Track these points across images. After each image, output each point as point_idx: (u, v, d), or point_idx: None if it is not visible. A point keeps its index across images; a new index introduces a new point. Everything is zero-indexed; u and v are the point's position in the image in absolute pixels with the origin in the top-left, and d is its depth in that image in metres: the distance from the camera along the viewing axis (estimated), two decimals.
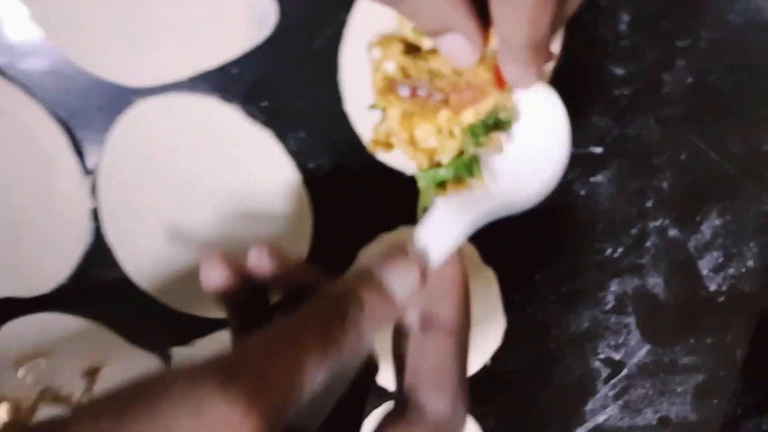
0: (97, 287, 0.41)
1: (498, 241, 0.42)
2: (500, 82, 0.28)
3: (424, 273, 0.24)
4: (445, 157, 0.32)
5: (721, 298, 0.45)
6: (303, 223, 0.39)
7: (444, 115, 0.30)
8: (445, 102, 0.30)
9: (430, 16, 0.21)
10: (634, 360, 0.46)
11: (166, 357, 0.43)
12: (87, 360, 0.43)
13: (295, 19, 0.35)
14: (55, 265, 0.38)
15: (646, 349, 0.46)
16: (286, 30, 0.35)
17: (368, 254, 0.41)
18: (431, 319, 0.24)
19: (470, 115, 0.30)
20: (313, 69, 0.36)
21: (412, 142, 0.31)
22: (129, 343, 0.43)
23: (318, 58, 0.36)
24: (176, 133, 0.36)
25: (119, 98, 0.36)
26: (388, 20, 0.34)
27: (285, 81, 0.36)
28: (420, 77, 0.30)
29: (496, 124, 0.29)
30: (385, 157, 0.38)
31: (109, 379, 0.44)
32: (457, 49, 0.22)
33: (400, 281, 0.23)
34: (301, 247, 0.39)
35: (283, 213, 0.39)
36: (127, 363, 0.43)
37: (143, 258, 0.40)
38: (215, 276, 0.23)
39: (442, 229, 0.27)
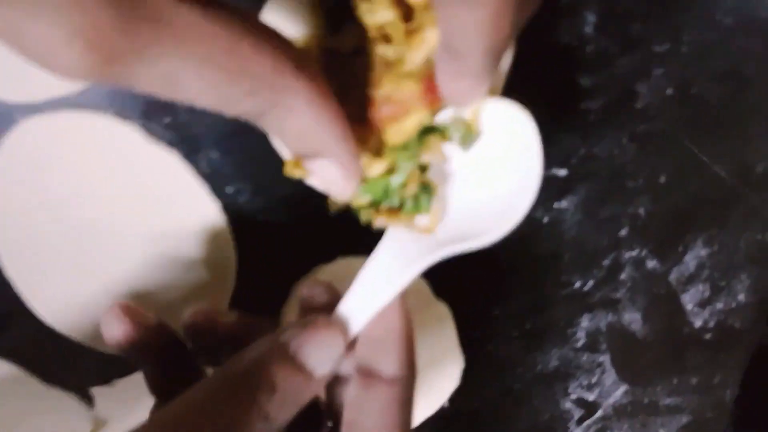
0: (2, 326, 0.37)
1: (452, 274, 0.37)
2: (433, 97, 0.23)
3: (350, 342, 0.21)
4: (371, 174, 0.27)
5: (708, 335, 0.40)
6: (224, 255, 0.34)
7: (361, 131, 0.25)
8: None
9: (297, 136, 0.16)
10: (610, 401, 0.41)
11: (86, 397, 0.39)
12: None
13: None
14: None
15: (623, 389, 0.41)
16: None
17: (304, 290, 0.36)
18: (372, 373, 0.22)
19: (396, 134, 0.25)
20: None
21: None
22: (43, 384, 0.38)
23: None
24: (68, 156, 0.31)
25: (3, 118, 0.31)
26: (302, 22, 0.28)
27: None
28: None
29: (433, 132, 0.24)
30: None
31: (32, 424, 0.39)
32: (328, 178, 0.18)
33: (319, 354, 0.19)
34: (224, 284, 0.34)
35: (201, 245, 0.33)
36: (43, 403, 0.39)
37: (46, 293, 0.35)
38: (115, 330, 0.22)
39: (377, 283, 0.23)
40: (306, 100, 0.17)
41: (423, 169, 0.25)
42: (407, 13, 0.25)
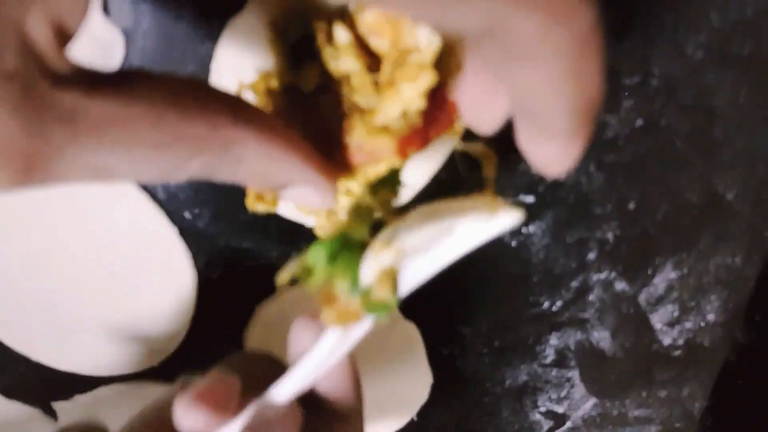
0: None
1: (421, 294, 0.39)
2: (403, 152, 0.24)
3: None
4: (340, 213, 0.29)
5: (677, 352, 0.42)
6: (183, 281, 0.35)
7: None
8: None
9: (258, 178, 0.17)
10: (579, 413, 0.44)
11: (49, 411, 0.40)
12: None
13: (148, 52, 0.29)
14: None
15: (592, 402, 0.43)
16: (137, 64, 0.30)
17: (269, 311, 0.38)
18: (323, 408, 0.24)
19: (360, 177, 0.26)
20: None
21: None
22: (4, 398, 0.40)
23: None
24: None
25: None
26: (262, 52, 0.29)
27: None
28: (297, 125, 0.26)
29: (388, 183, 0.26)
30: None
31: None
32: (305, 199, 0.18)
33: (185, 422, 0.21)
34: (185, 306, 0.35)
35: (157, 272, 0.34)
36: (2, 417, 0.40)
37: (2, 313, 0.36)
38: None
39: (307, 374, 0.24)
40: (254, 144, 0.17)
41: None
42: (376, 63, 0.25)
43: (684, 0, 0.30)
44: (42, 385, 0.40)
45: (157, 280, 0.36)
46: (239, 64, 0.30)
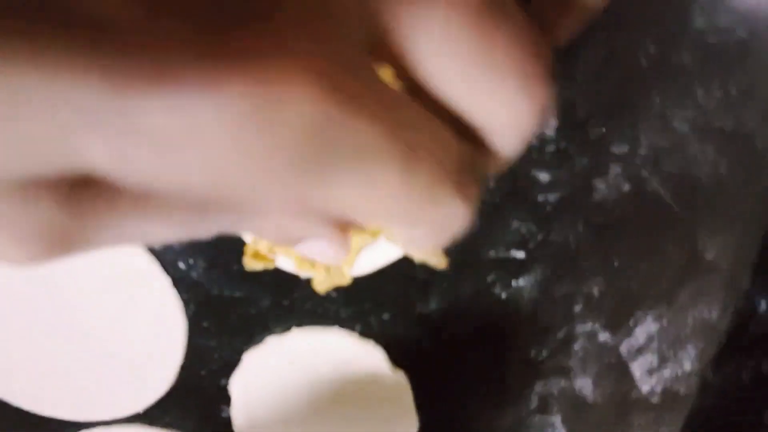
0: None
1: (408, 343, 0.41)
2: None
3: None
4: (347, 271, 0.31)
5: (655, 399, 0.45)
6: (174, 327, 0.36)
7: None
8: None
9: (285, 229, 0.16)
10: None
11: None
12: None
13: None
14: None
15: None
16: None
17: (256, 360, 0.39)
18: None
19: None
20: None
21: (303, 259, 0.30)
22: None
23: None
24: None
25: None
26: None
27: None
28: None
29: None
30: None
31: None
32: (319, 253, 0.19)
33: None
34: (174, 353, 0.37)
35: (150, 315, 0.36)
36: None
37: None
38: None
39: None
40: None
41: None
42: None
43: (672, 78, 0.33)
44: (20, 427, 0.40)
45: (147, 327, 0.37)
46: None
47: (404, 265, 0.38)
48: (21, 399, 0.39)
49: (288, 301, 0.39)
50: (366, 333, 0.40)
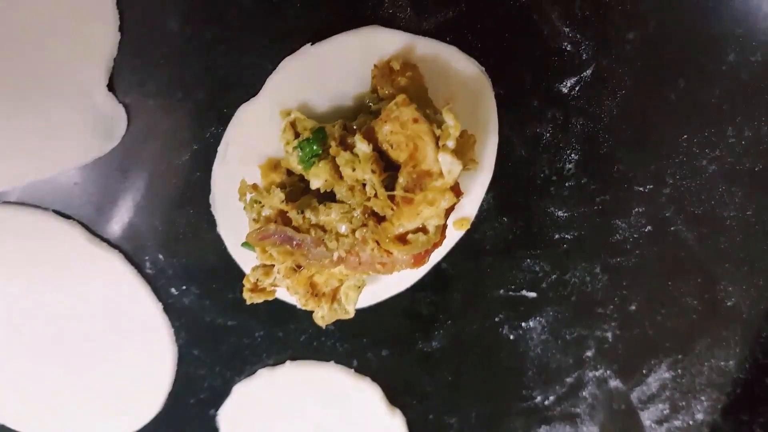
0: None
1: (408, 382, 0.38)
2: (418, 264, 0.26)
3: None
4: (352, 307, 0.28)
5: None
6: (163, 353, 0.34)
7: (341, 269, 0.26)
8: (341, 260, 0.25)
9: None
10: None
11: None
12: None
13: (151, 129, 0.29)
14: None
15: None
16: (139, 139, 0.29)
17: (246, 391, 0.37)
18: None
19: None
20: (176, 185, 0.30)
21: (308, 293, 0.27)
22: None
23: (182, 174, 0.30)
24: (4, 249, 0.30)
25: None
26: (272, 140, 0.28)
27: (139, 196, 0.30)
28: (303, 228, 0.25)
29: None
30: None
31: None
32: None
33: None
34: (162, 380, 0.34)
35: (139, 341, 0.33)
36: None
37: None
38: None
39: None
40: None
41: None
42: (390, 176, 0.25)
43: (701, 115, 0.31)
44: None
45: (136, 353, 0.35)
46: (247, 148, 0.29)
47: (407, 299, 0.36)
48: (11, 420, 0.37)
49: (282, 333, 0.36)
50: (363, 369, 0.38)
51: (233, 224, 0.31)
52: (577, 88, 0.30)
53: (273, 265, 0.29)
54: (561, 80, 0.30)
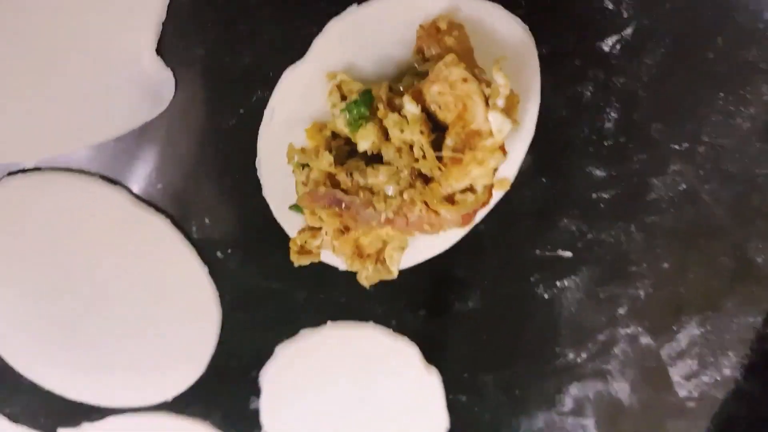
0: None
1: (444, 341, 0.39)
2: (465, 224, 0.27)
3: None
4: (395, 267, 0.29)
5: (691, 404, 0.43)
6: (208, 316, 0.34)
7: (387, 231, 0.26)
8: (389, 221, 0.26)
9: None
10: None
11: None
12: None
13: (198, 93, 0.29)
14: None
15: None
16: (186, 104, 0.29)
17: (288, 352, 0.38)
18: None
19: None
20: (223, 150, 0.31)
21: (354, 254, 0.28)
22: (11, 423, 0.40)
23: (229, 139, 0.30)
24: (52, 214, 0.31)
25: None
26: (318, 104, 0.29)
27: (186, 161, 0.31)
28: (351, 191, 0.26)
29: None
30: None
31: None
32: None
33: None
34: (207, 343, 0.35)
35: (185, 304, 0.34)
36: None
37: (19, 342, 0.36)
38: None
39: None
40: None
41: None
42: (438, 137, 0.25)
43: (739, 73, 0.31)
44: (51, 413, 0.39)
45: (181, 316, 0.36)
46: (293, 111, 0.29)
47: (444, 261, 0.36)
48: (53, 383, 0.38)
49: (324, 295, 0.37)
50: (401, 329, 0.38)
51: (278, 188, 0.32)
52: (617, 47, 0.30)
53: (320, 228, 0.30)
54: (602, 39, 0.30)
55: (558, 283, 0.37)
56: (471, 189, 0.26)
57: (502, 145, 0.25)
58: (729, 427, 0.45)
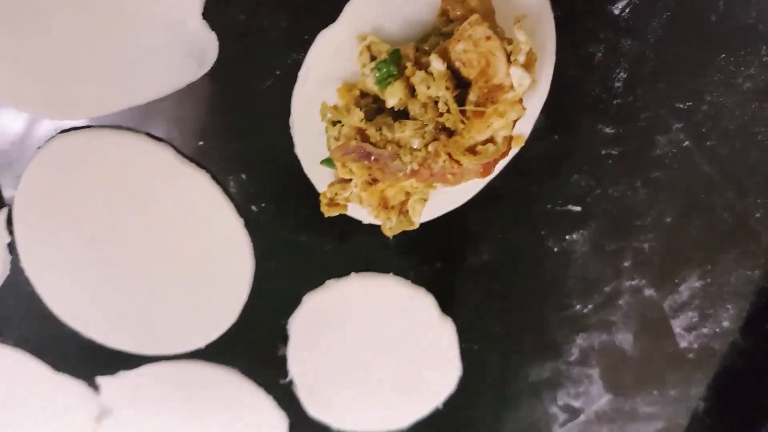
0: (16, 318, 0.41)
1: (459, 292, 0.42)
2: (486, 174, 0.29)
3: None
4: (417, 219, 0.31)
5: (690, 355, 0.46)
6: (242, 267, 0.37)
7: (412, 182, 0.29)
8: (414, 173, 0.29)
9: None
10: (594, 407, 0.47)
11: (92, 385, 0.42)
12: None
13: (238, 56, 0.32)
14: None
15: (606, 398, 0.47)
16: (227, 66, 0.32)
17: (315, 301, 0.40)
18: None
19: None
20: (260, 110, 0.33)
21: (380, 205, 0.31)
22: (53, 370, 0.42)
23: (265, 99, 0.33)
24: (98, 169, 0.34)
25: (40, 132, 0.34)
26: (349, 66, 0.31)
27: (225, 120, 0.34)
28: (380, 144, 0.28)
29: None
30: None
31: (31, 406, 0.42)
32: None
33: None
34: (239, 292, 0.38)
35: (221, 255, 0.37)
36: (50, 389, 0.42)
37: (63, 291, 0.38)
38: None
39: None
40: None
41: None
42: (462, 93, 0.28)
43: (739, 35, 0.34)
44: (90, 361, 0.42)
45: (216, 266, 0.38)
46: (326, 73, 0.32)
47: (460, 215, 0.39)
48: (94, 331, 0.40)
49: (348, 248, 0.40)
50: (418, 280, 0.41)
51: (309, 145, 0.34)
52: (627, 10, 0.32)
53: (350, 180, 0.32)
54: (613, 3, 0.32)
55: (567, 237, 0.40)
56: (492, 140, 0.28)
57: (521, 99, 0.27)
58: (726, 379, 0.48)
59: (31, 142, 0.35)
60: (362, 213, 0.37)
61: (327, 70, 0.32)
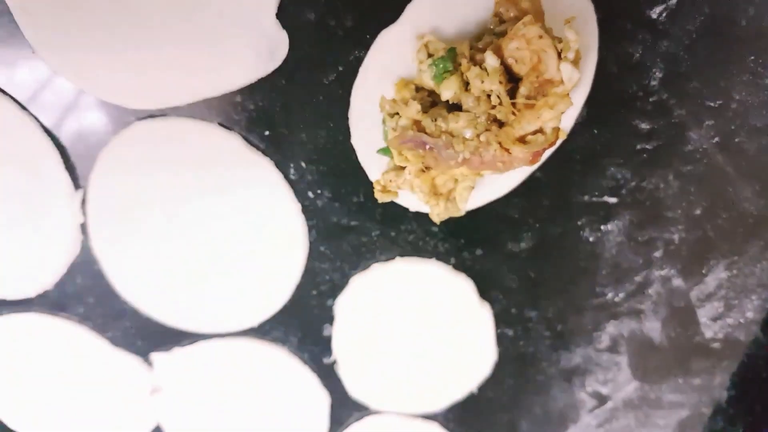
0: (82, 295, 0.43)
1: (497, 278, 0.44)
2: (534, 162, 0.32)
3: None
4: (464, 205, 0.34)
5: (716, 344, 0.48)
6: (297, 249, 0.40)
7: (462, 170, 0.32)
8: (465, 161, 0.32)
9: None
10: (621, 394, 0.50)
11: (147, 361, 0.46)
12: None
13: (306, 53, 0.35)
14: (42, 271, 0.40)
15: (634, 385, 0.49)
16: (295, 62, 0.35)
17: (362, 282, 0.43)
18: None
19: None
20: (322, 103, 0.37)
21: (430, 191, 0.33)
22: (112, 346, 0.44)
23: (327, 93, 0.36)
24: (171, 154, 0.37)
25: (117, 119, 0.37)
26: (406, 63, 0.34)
27: (290, 112, 0.37)
28: (435, 134, 0.31)
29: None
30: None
31: (91, 377, 0.45)
32: None
33: None
34: (293, 273, 0.41)
35: (277, 238, 0.40)
36: (108, 363, 0.45)
37: (129, 271, 0.41)
38: None
39: None
40: None
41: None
42: (514, 86, 0.31)
43: (766, 38, 0.36)
44: (146, 337, 0.45)
45: (273, 248, 0.41)
46: (385, 69, 0.35)
47: (501, 205, 0.42)
48: (153, 309, 0.43)
49: (394, 233, 0.43)
50: (459, 266, 0.44)
51: (365, 136, 0.38)
52: (664, 14, 0.36)
53: (404, 168, 0.36)
54: (651, 7, 0.35)
55: (602, 227, 0.43)
56: (541, 131, 0.32)
57: (569, 93, 0.30)
58: (750, 369, 0.50)
59: (108, 129, 0.38)
60: (410, 201, 0.40)
61: (386, 67, 0.35)
